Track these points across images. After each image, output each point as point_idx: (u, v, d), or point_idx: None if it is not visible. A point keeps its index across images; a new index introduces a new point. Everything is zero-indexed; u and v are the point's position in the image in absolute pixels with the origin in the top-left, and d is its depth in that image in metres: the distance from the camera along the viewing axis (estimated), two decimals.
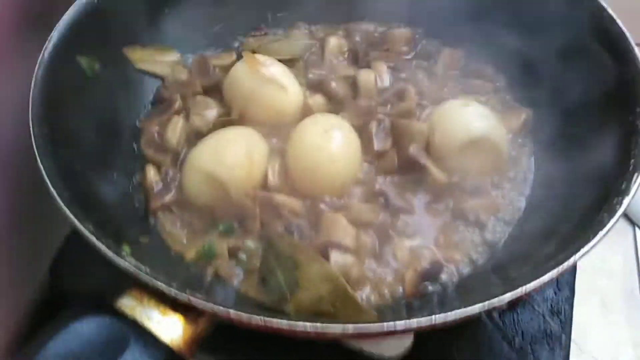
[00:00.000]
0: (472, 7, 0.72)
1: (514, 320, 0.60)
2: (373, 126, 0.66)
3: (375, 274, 0.57)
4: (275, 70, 0.69)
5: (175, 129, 0.66)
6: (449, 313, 0.38)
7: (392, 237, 0.59)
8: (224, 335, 0.46)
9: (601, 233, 0.42)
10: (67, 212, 0.44)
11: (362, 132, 0.66)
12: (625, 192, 0.46)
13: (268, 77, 0.67)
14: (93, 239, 0.42)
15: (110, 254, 0.41)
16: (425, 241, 0.59)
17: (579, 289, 0.66)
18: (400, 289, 0.56)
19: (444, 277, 0.56)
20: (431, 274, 0.55)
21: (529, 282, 0.40)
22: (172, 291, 0.39)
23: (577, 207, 0.50)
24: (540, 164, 0.64)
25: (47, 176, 0.46)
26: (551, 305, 0.62)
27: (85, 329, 0.36)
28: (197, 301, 0.39)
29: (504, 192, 0.62)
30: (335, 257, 0.55)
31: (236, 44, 0.80)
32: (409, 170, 0.63)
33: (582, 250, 0.41)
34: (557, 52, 0.63)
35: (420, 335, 0.57)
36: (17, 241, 0.60)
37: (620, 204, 0.45)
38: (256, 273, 0.55)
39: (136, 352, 0.35)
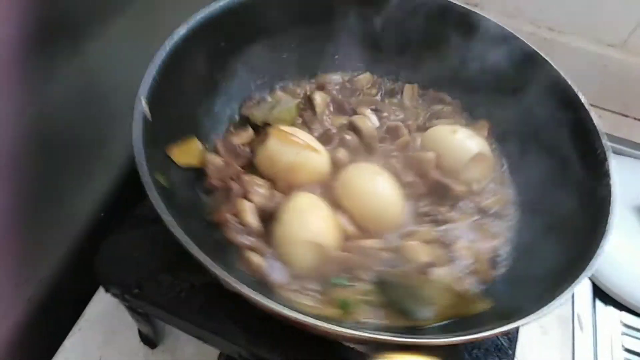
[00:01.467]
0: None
1: None
2: (394, 164, 0.82)
3: (456, 274, 0.75)
4: (303, 136, 0.80)
5: (251, 213, 0.73)
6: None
7: (450, 244, 0.77)
8: None
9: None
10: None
11: (387, 170, 0.82)
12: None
13: (304, 145, 0.78)
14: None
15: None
16: (469, 238, 0.79)
17: None
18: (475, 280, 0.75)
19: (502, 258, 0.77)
20: (493, 260, 0.76)
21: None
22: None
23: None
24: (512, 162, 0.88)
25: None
26: None
27: None
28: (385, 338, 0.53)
29: (498, 187, 0.85)
30: (435, 273, 0.72)
31: (229, 112, 0.86)
32: (436, 190, 0.82)
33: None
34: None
35: None
36: (17, 242, 0.62)
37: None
38: (386, 307, 0.69)
39: None
